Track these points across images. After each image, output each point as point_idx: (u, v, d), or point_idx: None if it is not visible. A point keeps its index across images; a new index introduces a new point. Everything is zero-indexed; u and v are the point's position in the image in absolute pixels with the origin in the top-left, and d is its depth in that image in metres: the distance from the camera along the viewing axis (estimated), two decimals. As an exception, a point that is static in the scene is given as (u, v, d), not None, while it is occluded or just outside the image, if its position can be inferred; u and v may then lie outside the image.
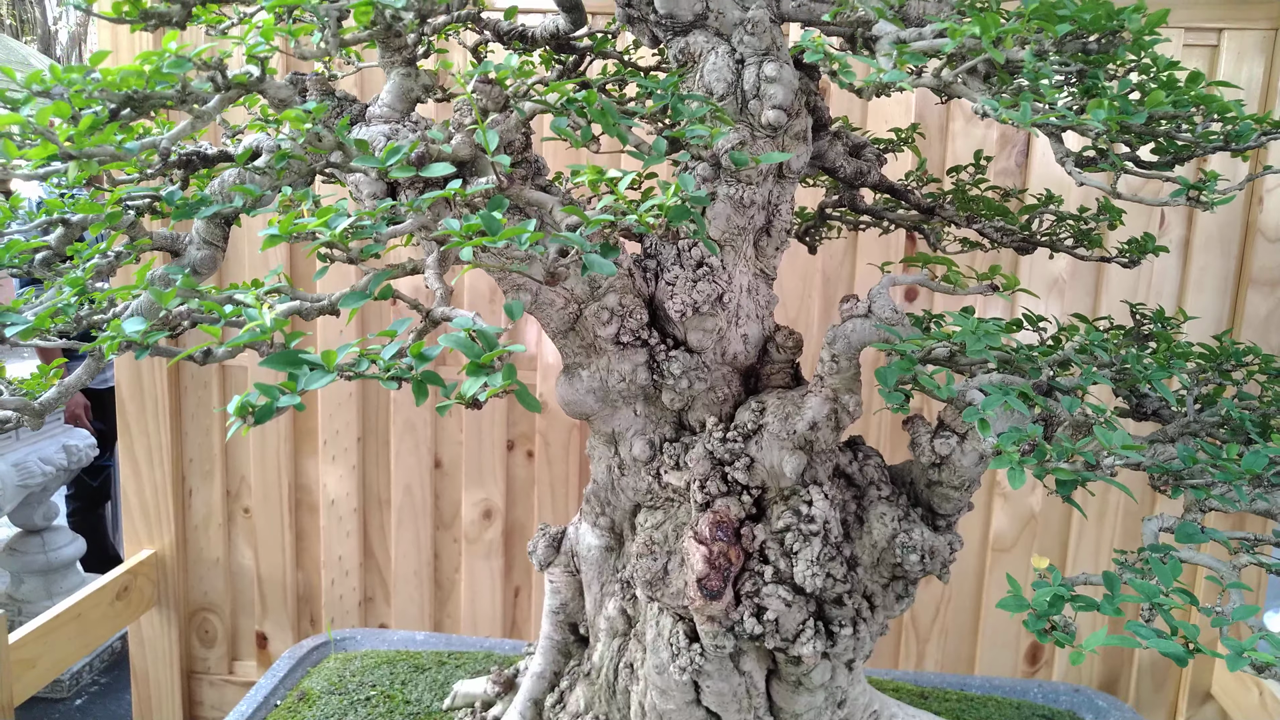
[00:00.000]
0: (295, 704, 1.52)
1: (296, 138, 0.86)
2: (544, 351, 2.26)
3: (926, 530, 1.03)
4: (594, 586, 1.15)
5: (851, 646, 1.02)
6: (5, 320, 0.80)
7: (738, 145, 1.02)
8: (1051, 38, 0.82)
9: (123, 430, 2.39)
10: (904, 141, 1.43)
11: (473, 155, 0.82)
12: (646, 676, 1.04)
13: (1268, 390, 1.10)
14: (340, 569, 2.44)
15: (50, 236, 1.01)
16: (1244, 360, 1.12)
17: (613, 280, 1.03)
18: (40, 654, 2.02)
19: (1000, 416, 0.96)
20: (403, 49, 0.92)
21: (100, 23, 2.18)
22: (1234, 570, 0.85)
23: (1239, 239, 2.13)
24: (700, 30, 1.04)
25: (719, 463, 1.03)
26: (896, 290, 2.19)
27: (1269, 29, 2.04)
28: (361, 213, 0.70)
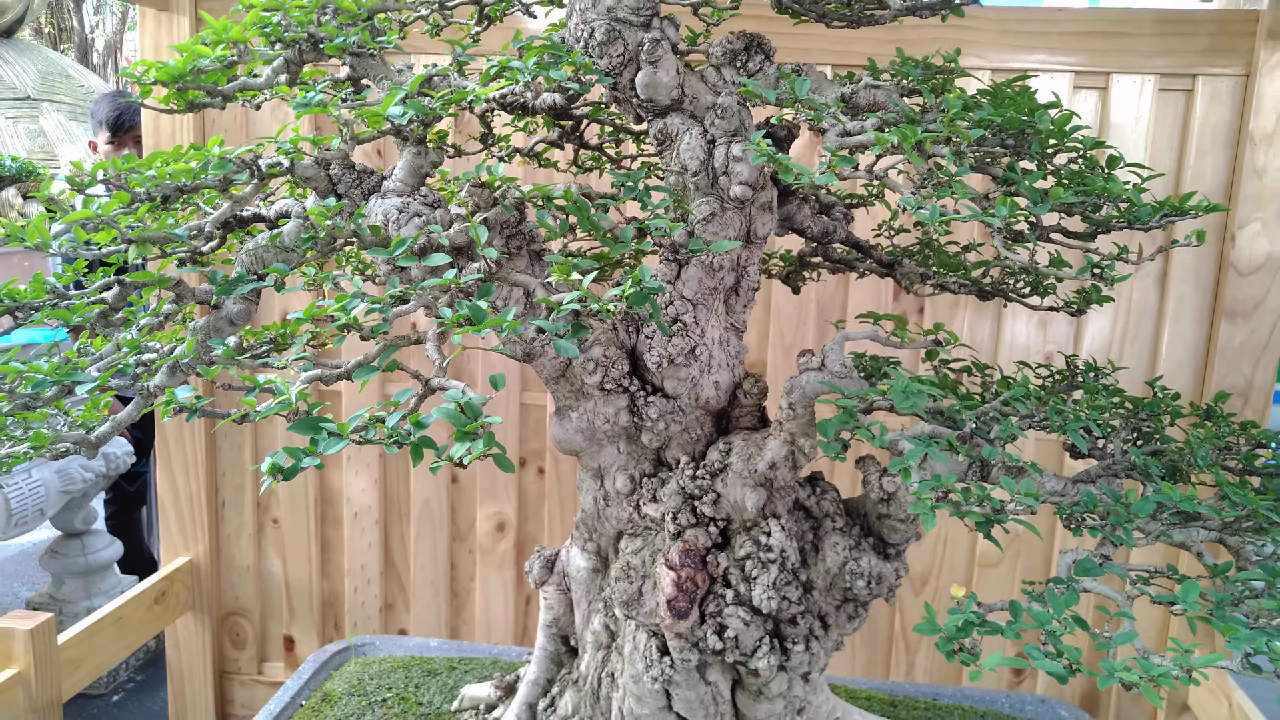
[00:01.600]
0: (319, 704, 1.66)
1: (323, 215, 1.01)
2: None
3: (875, 558, 1.16)
4: (582, 604, 1.29)
5: (805, 661, 1.15)
6: (78, 379, 0.95)
7: (709, 216, 1.16)
8: (965, 140, 0.95)
9: (161, 445, 2.56)
10: (875, 197, 1.56)
11: (468, 242, 0.96)
12: (625, 685, 1.17)
13: (1191, 434, 1.23)
14: (363, 577, 2.60)
15: (108, 294, 1.16)
16: (1167, 407, 1.24)
17: (598, 334, 1.16)
18: (85, 655, 2.18)
19: (940, 461, 1.09)
20: (410, 138, 1.07)
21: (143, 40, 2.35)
22: (1127, 600, 0.97)
23: (1214, 273, 2.24)
24: (677, 113, 1.18)
25: (689, 497, 1.17)
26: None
27: (1240, 75, 2.15)
28: (371, 298, 0.84)
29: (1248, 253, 2.19)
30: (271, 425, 2.56)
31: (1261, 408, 2.24)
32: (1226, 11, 2.17)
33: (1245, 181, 2.16)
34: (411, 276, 1.00)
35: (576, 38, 1.18)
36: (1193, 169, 2.20)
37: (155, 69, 1.05)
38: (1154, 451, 1.17)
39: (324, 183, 1.15)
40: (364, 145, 2.35)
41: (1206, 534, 1.12)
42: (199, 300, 1.21)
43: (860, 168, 0.97)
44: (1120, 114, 2.21)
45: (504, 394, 2.45)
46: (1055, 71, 2.21)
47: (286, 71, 1.15)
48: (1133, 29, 2.18)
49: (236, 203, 1.02)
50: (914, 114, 1.06)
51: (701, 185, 1.17)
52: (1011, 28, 2.22)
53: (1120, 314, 2.29)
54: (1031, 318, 2.33)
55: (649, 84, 1.15)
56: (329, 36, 1.05)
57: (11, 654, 1.96)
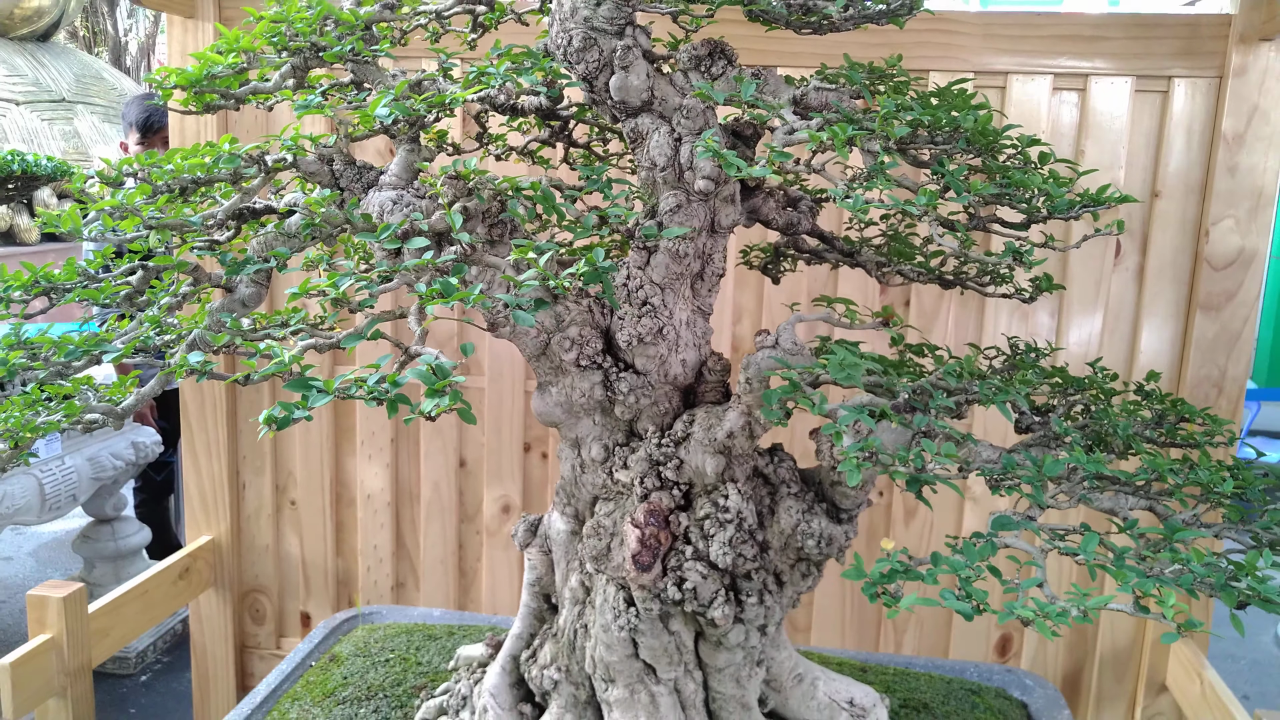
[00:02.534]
0: (327, 664, 1.79)
1: (319, 205, 1.13)
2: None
3: (827, 521, 1.27)
4: (562, 564, 1.40)
5: (760, 614, 1.26)
6: (103, 349, 1.08)
7: (675, 208, 1.27)
8: (892, 137, 1.06)
9: (185, 429, 2.70)
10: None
11: (448, 228, 1.08)
12: (596, 634, 1.29)
13: (1123, 411, 1.33)
14: (375, 557, 2.73)
15: (133, 278, 1.29)
16: (1096, 385, 1.35)
17: (574, 315, 1.28)
18: (113, 624, 2.32)
19: (884, 431, 1.20)
20: (399, 137, 1.19)
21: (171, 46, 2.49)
22: (1040, 553, 1.07)
23: (1189, 268, 2.33)
24: (647, 113, 1.29)
25: (656, 463, 1.28)
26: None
27: (1214, 77, 2.24)
28: (359, 275, 0.96)
29: (1221, 248, 2.28)
30: (290, 411, 2.69)
31: (1235, 397, 2.33)
32: (1200, 16, 2.26)
33: (1218, 179, 2.25)
34: (401, 259, 1.12)
35: (557, 45, 1.29)
36: (1168, 167, 2.29)
37: (175, 74, 1.17)
38: (1083, 425, 1.27)
39: (327, 177, 1.28)
40: (376, 143, 2.49)
41: (1136, 501, 1.23)
42: (215, 284, 1.33)
43: (801, 162, 1.08)
44: (1098, 114, 2.30)
45: (510, 383, 2.57)
46: (1036, 73, 2.31)
47: (294, 76, 1.27)
48: (1110, 33, 2.27)
49: (245, 194, 1.15)
50: (857, 114, 1.17)
51: (669, 179, 1.28)
52: (994, 31, 2.31)
53: (1100, 308, 2.38)
54: (1014, 312, 2.42)
55: (621, 87, 1.26)
56: (328, 45, 1.17)
57: (45, 620, 2.10)
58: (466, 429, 2.64)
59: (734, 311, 2.49)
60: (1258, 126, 2.22)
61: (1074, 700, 2.55)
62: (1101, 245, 2.36)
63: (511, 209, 1.05)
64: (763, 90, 1.23)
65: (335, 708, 1.62)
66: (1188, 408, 1.32)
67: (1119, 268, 2.37)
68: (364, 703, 1.63)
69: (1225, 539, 1.20)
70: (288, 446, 2.72)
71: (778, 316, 2.45)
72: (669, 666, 1.28)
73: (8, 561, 5.08)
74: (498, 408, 2.59)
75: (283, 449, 2.73)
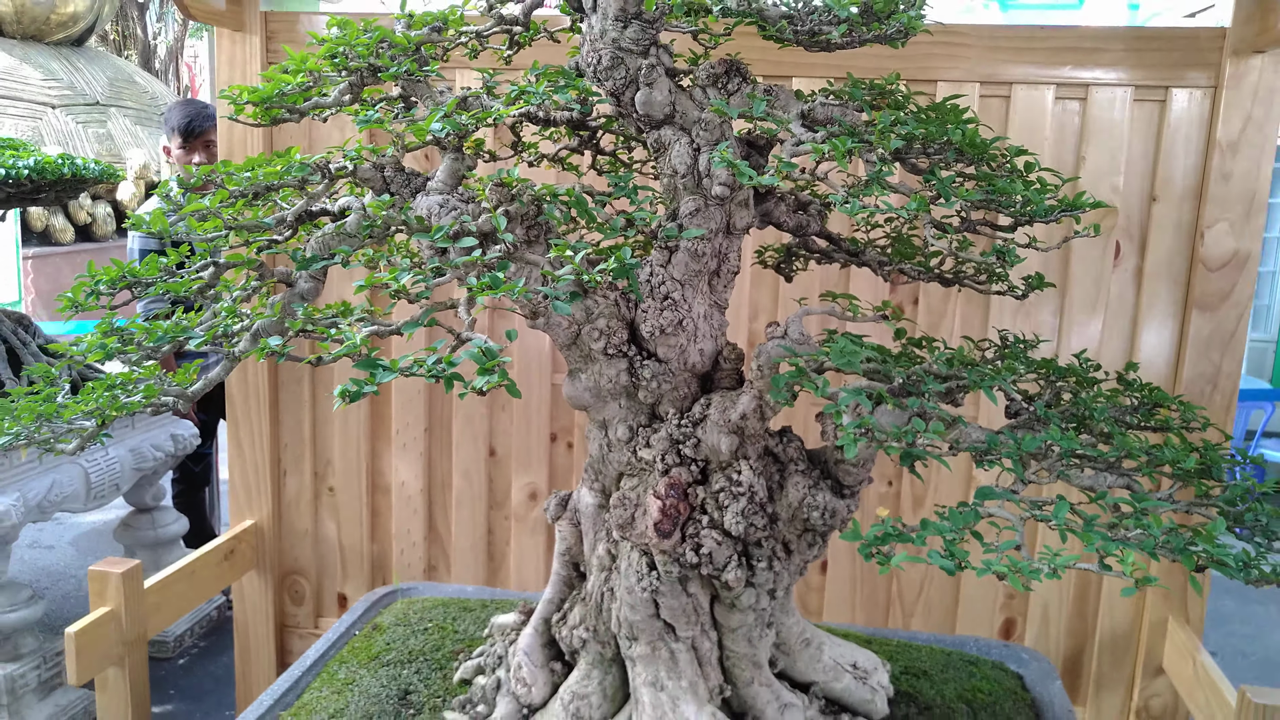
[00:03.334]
0: (370, 632, 1.93)
1: (380, 208, 1.27)
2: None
3: (830, 496, 1.40)
4: (590, 534, 1.54)
5: (769, 579, 1.39)
6: (190, 335, 1.22)
7: (694, 211, 1.40)
8: (886, 149, 1.19)
9: (230, 420, 2.85)
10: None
11: (492, 229, 1.21)
12: (621, 596, 1.42)
13: (1100, 396, 1.45)
14: (409, 540, 2.87)
15: (205, 273, 1.44)
16: (1078, 375, 1.47)
17: (602, 308, 1.42)
18: (165, 600, 2.47)
19: (883, 414, 1.32)
20: (448, 147, 1.33)
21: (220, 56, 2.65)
22: (1020, 521, 1.20)
23: (1185, 269, 2.44)
24: (669, 125, 1.43)
25: (676, 442, 1.41)
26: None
27: (1209, 87, 2.36)
28: (416, 270, 1.10)
29: (1216, 250, 2.39)
30: (327, 403, 2.84)
31: (1229, 393, 2.44)
32: (1196, 29, 2.37)
33: (1213, 185, 2.36)
34: (448, 257, 1.26)
35: (588, 63, 1.43)
36: (1165, 173, 2.41)
37: (248, 93, 1.32)
38: (1065, 410, 1.39)
39: (379, 183, 1.42)
40: (413, 152, 2.63)
41: (1114, 480, 1.35)
42: (279, 280, 1.48)
43: (807, 170, 1.21)
44: (1099, 122, 2.42)
45: (538, 376, 2.71)
46: (1040, 83, 2.43)
47: (350, 93, 1.41)
48: (1110, 45, 2.39)
49: (311, 198, 1.29)
50: (859, 128, 1.30)
51: (688, 185, 1.41)
52: (1000, 44, 2.44)
53: (1101, 307, 2.50)
54: (1018, 310, 2.54)
55: (646, 101, 1.40)
56: (385, 66, 1.31)
57: (105, 594, 2.25)
58: (496, 421, 2.78)
59: (750, 308, 2.62)
60: (1251, 135, 2.33)
61: (1074, 682, 2.67)
62: (1102, 247, 2.47)
63: (548, 213, 1.19)
64: (774, 105, 1.37)
65: (380, 669, 1.76)
66: (1162, 395, 1.44)
67: (1119, 269, 2.49)
68: (406, 665, 1.77)
69: (1195, 513, 1.33)
70: (326, 437, 2.87)
71: (791, 312, 2.57)
72: (687, 626, 1.42)
73: (49, 550, 5.26)
74: (525, 400, 2.73)
75: (322, 439, 2.88)
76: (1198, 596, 2.53)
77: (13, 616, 3.39)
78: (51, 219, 8.12)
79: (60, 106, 9.06)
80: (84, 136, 9.01)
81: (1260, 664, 4.64)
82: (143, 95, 10.12)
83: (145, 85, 10.33)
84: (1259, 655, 4.70)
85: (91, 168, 3.72)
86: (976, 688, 1.78)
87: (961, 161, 1.36)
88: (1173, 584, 2.49)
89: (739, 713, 1.48)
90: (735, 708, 1.48)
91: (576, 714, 1.47)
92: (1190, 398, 2.43)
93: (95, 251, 8.59)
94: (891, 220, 1.75)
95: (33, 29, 9.25)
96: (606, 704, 1.48)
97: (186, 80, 16.29)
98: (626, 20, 1.37)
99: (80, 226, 8.48)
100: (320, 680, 1.77)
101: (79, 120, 9.08)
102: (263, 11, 2.64)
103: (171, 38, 15.93)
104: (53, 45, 9.56)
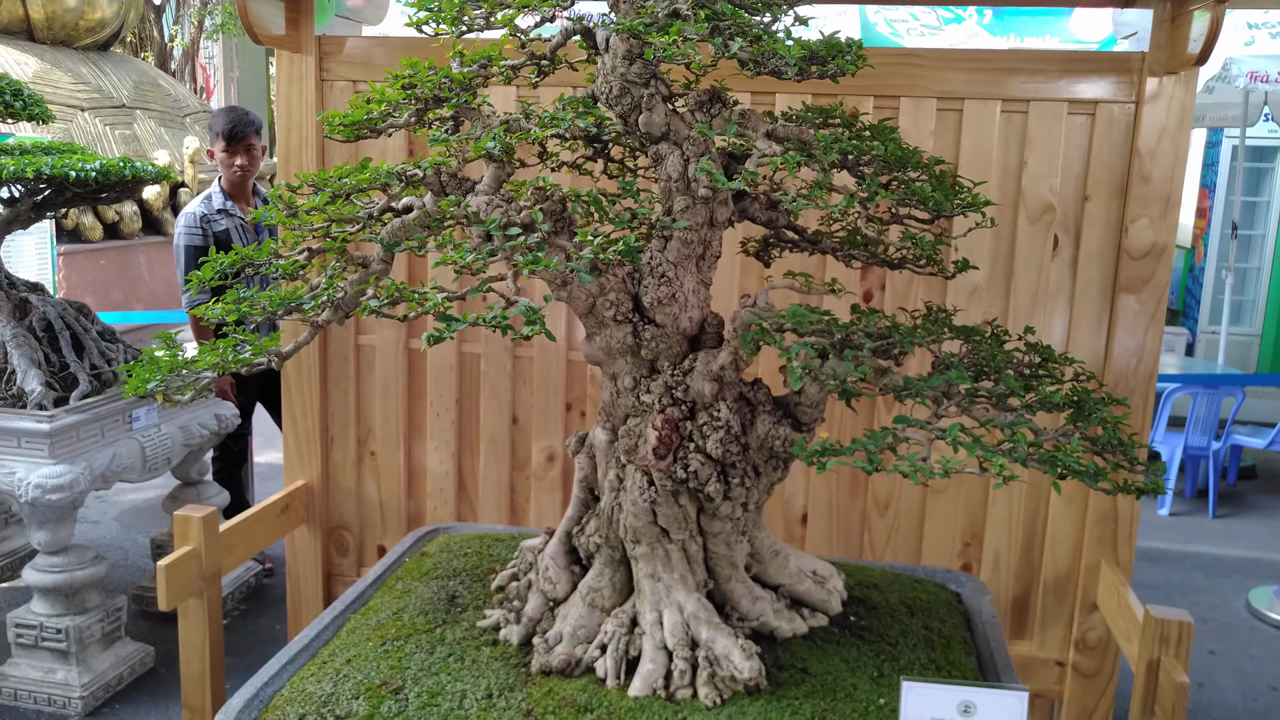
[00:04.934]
0: (418, 558, 2.34)
1: (447, 206, 1.68)
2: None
3: (790, 429, 1.80)
4: (602, 463, 1.94)
5: (743, 494, 1.80)
6: (301, 302, 1.62)
7: (683, 209, 1.80)
8: (827, 161, 1.58)
9: (285, 393, 3.26)
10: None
11: (531, 221, 1.61)
12: (627, 508, 1.82)
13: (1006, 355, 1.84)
14: (441, 499, 3.28)
15: (300, 257, 1.84)
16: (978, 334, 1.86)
17: (613, 284, 1.82)
18: (235, 543, 2.88)
19: (832, 364, 1.72)
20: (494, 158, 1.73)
21: (279, 74, 3.07)
22: (928, 442, 1.59)
23: (1114, 258, 2.84)
24: (665, 141, 1.83)
25: (669, 388, 1.81)
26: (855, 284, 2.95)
27: (1131, 103, 2.75)
28: (480, 252, 1.50)
29: (1138, 242, 2.78)
30: (370, 378, 3.26)
31: (1151, 365, 2.83)
32: (1119, 54, 2.77)
33: (1135, 186, 2.76)
34: (495, 244, 1.66)
35: (601, 91, 1.83)
36: (1095, 176, 2.80)
37: (340, 118, 1.72)
38: (973, 363, 1.79)
39: (437, 186, 1.82)
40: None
41: (1013, 419, 1.74)
42: (355, 263, 1.88)
43: (768, 178, 1.61)
44: (1039, 131, 2.82)
45: (555, 356, 3.12)
46: (988, 99, 2.83)
47: (416, 115, 1.81)
48: (1047, 66, 2.79)
49: (392, 198, 1.69)
50: (809, 143, 1.70)
51: (680, 188, 1.81)
52: (953, 65, 2.84)
53: (1040, 290, 2.89)
54: (973, 294, 2.93)
55: (646, 122, 1.80)
56: (447, 97, 1.72)
57: (188, 535, 2.66)
58: (518, 392, 3.19)
59: (739, 290, 3.02)
60: (1165, 144, 2.73)
61: (1023, 619, 3.07)
62: (1044, 239, 2.87)
63: (572, 209, 1.59)
64: (745, 126, 1.77)
65: (431, 581, 2.16)
66: (1050, 351, 1.84)
67: (1057, 258, 2.88)
68: (452, 578, 2.17)
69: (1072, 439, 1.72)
70: (369, 407, 3.28)
71: (775, 293, 2.97)
72: (679, 531, 1.82)
73: (96, 524, 5.69)
74: (544, 374, 3.14)
75: (365, 409, 3.29)
76: (1127, 545, 2.93)
77: (81, 574, 3.80)
78: (82, 217, 8.49)
79: (89, 109, 9.42)
80: (111, 138, 9.37)
81: (1220, 627, 5.04)
82: (166, 98, 10.50)
83: (168, 88, 10.72)
84: (1219, 621, 5.10)
85: (149, 170, 4.14)
86: (917, 597, 2.18)
87: (892, 170, 1.76)
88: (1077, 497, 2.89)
89: (719, 603, 1.88)
90: (716, 599, 1.89)
91: (592, 603, 1.88)
92: (1119, 366, 2.84)
93: (122, 248, 8.98)
94: (846, 215, 2.14)
95: (62, 34, 9.63)
96: (615, 595, 1.88)
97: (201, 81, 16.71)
98: (632, 59, 1.77)
99: (108, 225, 8.85)
100: (381, 591, 2.17)
101: (106, 122, 9.45)
102: (317, 35, 3.05)
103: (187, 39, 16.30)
104: (81, 50, 9.93)
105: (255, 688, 1.80)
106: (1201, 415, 6.51)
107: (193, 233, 4.50)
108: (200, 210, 4.50)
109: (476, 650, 1.87)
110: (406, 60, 1.75)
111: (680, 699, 1.71)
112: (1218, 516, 6.56)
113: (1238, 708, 4.22)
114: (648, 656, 1.76)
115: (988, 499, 3.02)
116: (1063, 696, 3.05)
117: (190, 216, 4.51)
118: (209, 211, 4.50)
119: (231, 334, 1.82)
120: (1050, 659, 3.05)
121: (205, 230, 4.49)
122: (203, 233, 4.49)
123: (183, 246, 4.52)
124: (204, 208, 4.51)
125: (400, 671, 1.80)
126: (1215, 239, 9.83)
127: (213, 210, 4.51)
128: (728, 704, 1.70)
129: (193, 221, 4.49)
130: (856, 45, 1.68)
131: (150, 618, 4.53)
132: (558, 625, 1.87)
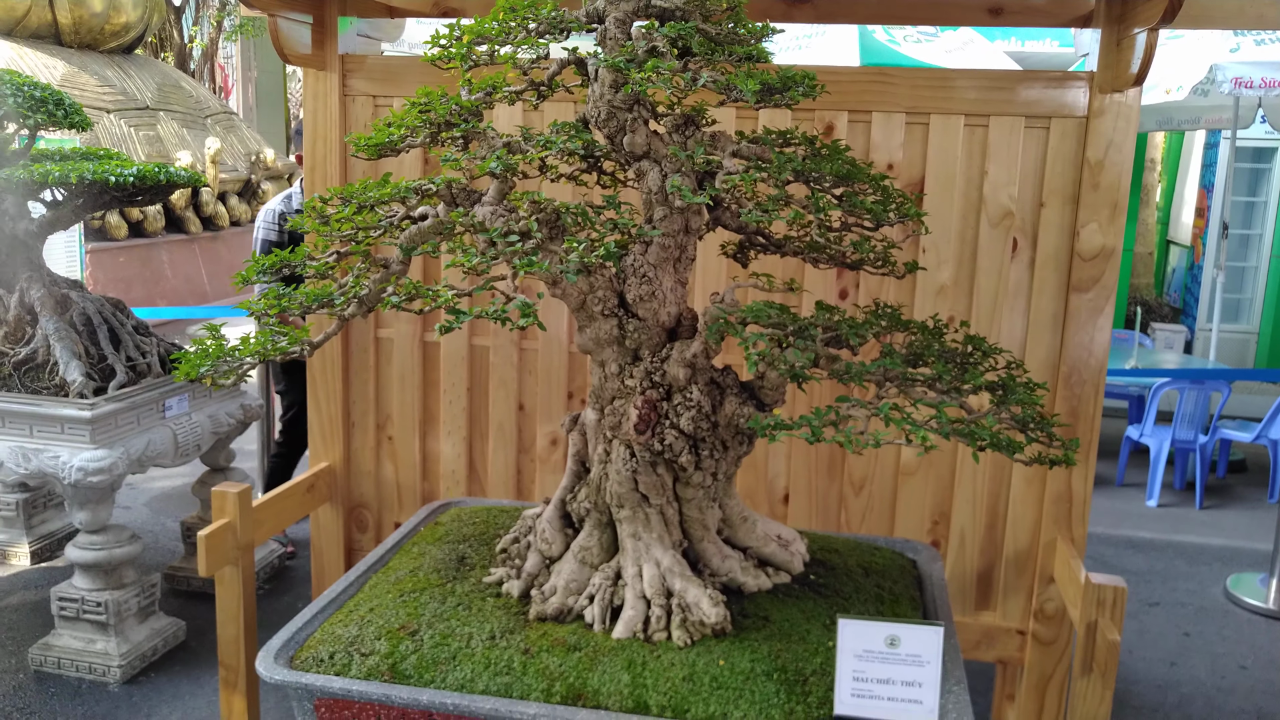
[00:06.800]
0: (432, 526, 2.62)
1: (457, 217, 1.96)
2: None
3: (753, 409, 2.08)
4: (592, 439, 2.22)
5: (713, 465, 2.07)
6: (331, 297, 1.90)
7: (662, 218, 2.08)
8: (780, 177, 1.86)
9: (310, 383, 3.56)
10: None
11: (528, 229, 1.89)
12: (612, 477, 2.10)
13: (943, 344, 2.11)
14: (453, 480, 3.57)
15: (331, 258, 2.13)
16: (918, 329, 2.13)
17: (601, 283, 2.09)
18: (266, 517, 3.17)
19: (786, 353, 1.99)
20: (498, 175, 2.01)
21: (306, 90, 3.35)
22: (865, 418, 1.86)
23: (1067, 259, 3.10)
24: (646, 159, 2.10)
25: (649, 373, 2.09)
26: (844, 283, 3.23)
27: (1081, 117, 3.01)
28: (485, 255, 1.78)
29: (1088, 245, 3.05)
30: (388, 368, 3.54)
31: (1100, 357, 3.09)
32: (1070, 73, 3.04)
33: (1085, 193, 3.02)
34: (498, 248, 1.94)
35: (591, 115, 2.10)
36: (1050, 184, 3.07)
37: (363, 138, 2.00)
38: (912, 351, 2.06)
39: (448, 198, 2.10)
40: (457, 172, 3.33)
41: (946, 399, 2.01)
42: (376, 264, 2.16)
43: (738, 190, 1.89)
44: (998, 143, 3.08)
45: (557, 348, 3.40)
46: (952, 114, 3.09)
47: (430, 136, 2.10)
48: (1006, 84, 3.05)
49: (410, 209, 1.98)
50: (765, 162, 1.97)
51: (659, 200, 2.09)
52: (920, 83, 3.10)
53: (1001, 289, 3.16)
54: (939, 293, 3.20)
55: (630, 142, 2.07)
56: (457, 123, 2.00)
57: (225, 509, 2.95)
58: (524, 382, 3.48)
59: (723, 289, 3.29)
60: (1112, 155, 2.99)
61: (986, 591, 3.33)
62: (1004, 242, 3.13)
63: (564, 219, 1.87)
64: (714, 147, 2.04)
65: (444, 545, 2.45)
66: (981, 341, 2.11)
67: (1015, 260, 3.15)
68: (462, 542, 2.46)
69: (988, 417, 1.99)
70: (387, 394, 3.57)
71: (753, 293, 3.25)
72: (657, 496, 2.10)
73: (127, 510, 5.99)
74: (548, 365, 3.42)
75: (384, 396, 3.58)
76: (1080, 523, 3.19)
77: (119, 552, 4.10)
78: (108, 216, 8.78)
79: (114, 111, 9.70)
80: (136, 140, 9.67)
81: (1196, 610, 5.29)
82: (188, 99, 10.80)
83: (190, 90, 11.02)
84: (1195, 605, 5.34)
85: (182, 175, 4.44)
86: (874, 561, 2.45)
87: (843, 184, 2.04)
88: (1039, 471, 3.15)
89: (693, 560, 2.16)
90: (690, 558, 2.17)
91: (582, 560, 2.16)
92: (1072, 358, 3.10)
93: (146, 246, 9.30)
94: (809, 223, 2.41)
95: (88, 38, 9.94)
96: (603, 553, 2.17)
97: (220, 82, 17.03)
98: (617, 88, 2.05)
99: (133, 223, 9.16)
100: (400, 554, 2.46)
101: (131, 124, 9.75)
102: (340, 54, 3.34)
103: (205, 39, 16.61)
104: (106, 53, 10.23)
105: (291, 631, 2.09)
106: (1189, 410, 6.74)
107: (270, 228, 4.88)
108: (280, 208, 4.88)
109: (482, 601, 2.15)
110: (422, 89, 2.03)
111: (656, 640, 1.99)
112: (1204, 508, 6.79)
113: (1205, 685, 4.47)
114: (629, 604, 2.04)
115: (954, 481, 3.28)
116: (1024, 663, 3.31)
117: (270, 213, 4.89)
118: (288, 210, 4.85)
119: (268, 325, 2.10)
120: (1012, 628, 3.32)
121: (282, 226, 4.83)
122: (279, 228, 4.84)
123: (260, 240, 4.91)
124: (284, 206, 4.88)
125: (416, 618, 2.08)
126: (1213, 238, 10.04)
127: (291, 209, 4.86)
128: (697, 645, 1.98)
129: (271, 218, 4.88)
130: (809, 77, 1.96)
131: (180, 595, 4.83)
132: (553, 579, 2.16)
